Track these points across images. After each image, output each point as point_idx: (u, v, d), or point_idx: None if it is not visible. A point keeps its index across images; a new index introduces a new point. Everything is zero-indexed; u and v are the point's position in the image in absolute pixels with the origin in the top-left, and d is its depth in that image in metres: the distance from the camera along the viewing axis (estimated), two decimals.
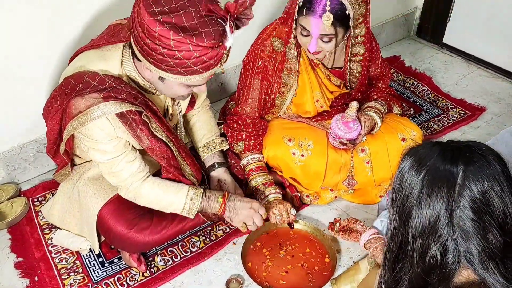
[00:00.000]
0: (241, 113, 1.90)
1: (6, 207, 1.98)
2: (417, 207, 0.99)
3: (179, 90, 1.51)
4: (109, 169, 1.57)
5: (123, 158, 1.56)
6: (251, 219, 1.71)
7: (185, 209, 1.66)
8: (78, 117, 1.45)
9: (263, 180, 1.88)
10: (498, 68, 2.85)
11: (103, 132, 1.49)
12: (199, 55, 1.34)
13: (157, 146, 1.58)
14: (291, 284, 1.71)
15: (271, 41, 1.81)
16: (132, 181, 1.60)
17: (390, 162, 1.90)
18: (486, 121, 2.52)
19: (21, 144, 2.06)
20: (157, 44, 1.32)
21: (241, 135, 1.89)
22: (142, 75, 1.54)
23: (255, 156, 1.91)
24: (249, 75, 1.86)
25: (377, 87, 2.02)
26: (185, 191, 1.66)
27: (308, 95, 1.90)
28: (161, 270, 1.78)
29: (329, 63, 1.91)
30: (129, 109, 1.47)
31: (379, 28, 2.99)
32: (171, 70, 1.39)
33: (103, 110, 1.44)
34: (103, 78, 1.46)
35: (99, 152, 1.54)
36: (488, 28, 2.81)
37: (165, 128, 1.60)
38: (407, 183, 1.01)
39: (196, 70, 1.39)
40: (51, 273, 1.77)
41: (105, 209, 1.66)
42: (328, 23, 1.59)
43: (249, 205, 1.71)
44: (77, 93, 1.44)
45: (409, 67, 2.92)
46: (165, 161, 1.62)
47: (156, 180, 1.65)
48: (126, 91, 1.48)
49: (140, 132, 1.53)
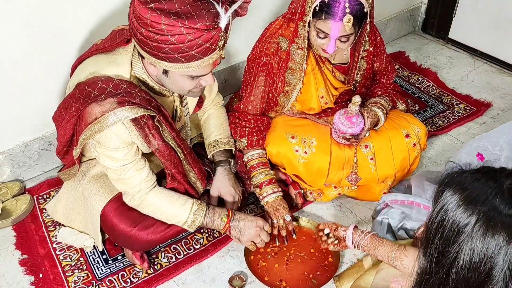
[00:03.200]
0: (243, 110, 1.90)
1: (11, 204, 1.99)
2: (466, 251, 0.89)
3: (184, 83, 1.51)
4: (118, 175, 1.58)
5: (132, 166, 1.57)
6: (259, 237, 1.73)
7: (187, 223, 1.67)
8: (94, 123, 1.46)
9: (264, 177, 1.87)
10: (504, 63, 2.82)
11: (117, 138, 1.50)
12: (193, 38, 1.34)
13: (167, 152, 1.59)
14: (294, 282, 1.71)
15: (277, 39, 1.80)
16: (140, 189, 1.61)
17: (393, 158, 1.89)
18: (492, 116, 2.50)
19: (26, 142, 2.07)
20: (150, 31, 1.33)
21: (244, 131, 1.89)
22: (150, 75, 1.55)
23: (255, 153, 1.90)
24: (253, 72, 1.86)
25: (381, 83, 2.00)
26: (189, 205, 1.67)
27: (313, 92, 1.89)
28: (165, 267, 1.79)
29: (334, 58, 1.90)
30: (143, 113, 1.48)
31: (384, 24, 2.97)
32: (168, 58, 1.38)
33: (118, 115, 1.45)
34: (117, 83, 1.47)
35: (110, 159, 1.55)
36: (494, 22, 2.78)
37: (175, 134, 1.62)
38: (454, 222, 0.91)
39: (193, 55, 1.38)
40: (55, 270, 1.78)
41: (109, 207, 1.67)
42: (349, 25, 1.58)
43: (254, 224, 1.72)
44: (92, 99, 1.45)
45: (414, 62, 2.89)
46: (174, 167, 1.63)
47: (162, 190, 1.66)
48: (140, 96, 1.49)
49: (152, 137, 1.54)
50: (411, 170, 2.01)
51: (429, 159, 2.25)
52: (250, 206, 2.01)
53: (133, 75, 1.55)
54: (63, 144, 1.65)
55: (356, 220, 1.97)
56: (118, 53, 1.55)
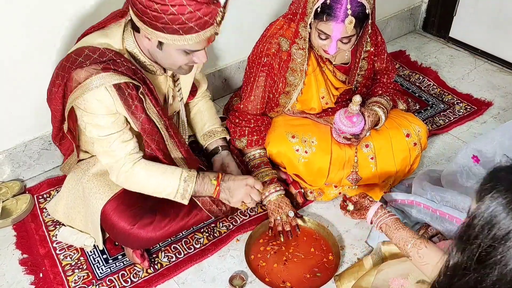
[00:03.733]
0: (243, 110, 1.90)
1: (11, 204, 1.99)
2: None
3: (178, 58, 1.50)
4: (104, 147, 1.57)
5: (118, 136, 1.56)
6: (249, 196, 1.68)
7: (179, 191, 1.62)
8: (77, 88, 1.46)
9: (266, 177, 1.87)
10: (505, 62, 2.82)
11: (101, 104, 1.49)
12: (193, 9, 1.34)
13: (148, 126, 1.57)
14: (295, 281, 1.71)
15: (278, 39, 1.80)
16: (125, 163, 1.59)
17: (394, 157, 1.89)
18: (492, 115, 2.49)
19: (26, 141, 2.07)
20: (151, 0, 1.33)
21: (244, 131, 1.89)
22: (142, 50, 1.55)
23: (256, 152, 1.90)
24: (253, 72, 1.85)
25: (382, 82, 2.00)
26: (178, 172, 1.63)
27: (314, 92, 1.89)
28: (165, 267, 1.79)
29: (335, 59, 1.90)
30: (127, 81, 1.47)
31: (385, 23, 2.97)
32: (166, 29, 1.38)
33: (101, 80, 1.44)
34: (103, 51, 1.48)
35: (96, 128, 1.53)
36: (495, 21, 2.78)
37: (159, 109, 1.59)
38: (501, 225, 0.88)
39: (191, 28, 1.37)
40: (55, 270, 1.78)
41: (109, 206, 1.66)
42: (350, 26, 1.58)
43: (244, 182, 1.67)
44: (77, 65, 1.46)
45: (415, 61, 2.89)
46: (154, 143, 1.61)
47: (149, 162, 1.64)
48: (125, 65, 1.49)
49: (135, 108, 1.52)
50: (412, 170, 2.01)
51: (430, 158, 2.25)
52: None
53: (125, 48, 1.55)
54: (57, 126, 1.64)
55: (356, 220, 1.96)
56: (110, 27, 1.56)
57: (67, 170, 1.80)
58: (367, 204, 1.59)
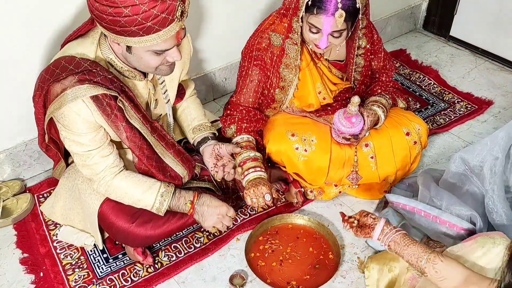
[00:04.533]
0: (235, 103, 1.89)
1: (12, 203, 1.99)
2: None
3: (150, 60, 1.48)
4: (83, 161, 1.57)
5: (97, 152, 1.55)
6: (220, 223, 1.71)
7: (154, 205, 1.64)
8: (54, 101, 1.46)
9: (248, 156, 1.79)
10: (505, 61, 2.82)
11: (79, 117, 1.48)
12: (148, 8, 1.32)
13: (130, 133, 1.56)
14: (295, 280, 1.71)
15: (269, 34, 1.80)
16: (105, 175, 1.59)
17: (394, 156, 1.89)
18: (493, 114, 2.49)
19: (26, 140, 2.07)
20: (104, 5, 1.33)
21: (234, 118, 1.87)
22: (118, 56, 1.54)
23: (244, 136, 1.85)
24: (245, 65, 1.86)
25: (381, 81, 2.00)
26: (156, 187, 1.65)
27: (310, 87, 1.89)
28: (165, 266, 1.79)
29: (329, 54, 1.90)
30: (103, 92, 1.46)
31: (385, 21, 2.96)
32: (126, 32, 1.36)
33: (76, 93, 1.44)
34: (79, 62, 1.47)
35: (75, 143, 1.53)
36: (496, 20, 2.77)
37: (141, 116, 1.58)
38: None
39: (150, 27, 1.36)
40: (56, 269, 1.78)
41: (106, 205, 1.67)
42: (340, 20, 1.59)
43: (217, 211, 1.69)
44: (55, 78, 1.46)
45: (416, 60, 2.89)
46: (138, 150, 1.60)
47: (129, 174, 1.64)
48: (101, 75, 1.48)
49: (115, 118, 1.51)
50: (412, 169, 2.01)
51: (430, 157, 2.25)
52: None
53: (101, 57, 1.54)
54: (42, 134, 1.64)
55: None
56: (87, 35, 1.56)
57: (57, 175, 1.80)
58: (370, 222, 1.52)
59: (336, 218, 1.95)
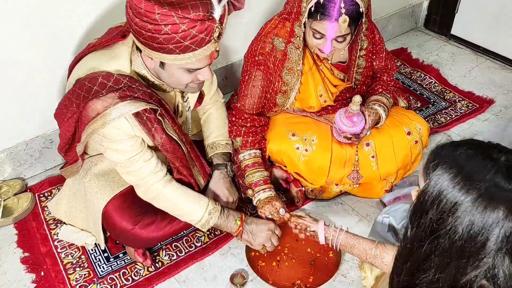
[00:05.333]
0: (240, 109, 1.89)
1: (12, 202, 1.99)
2: (460, 227, 0.92)
3: (181, 77, 1.50)
4: (127, 168, 1.58)
5: (140, 157, 1.57)
6: (269, 241, 1.73)
7: (201, 221, 1.67)
8: (96, 119, 1.46)
9: (258, 177, 1.85)
10: (507, 59, 2.81)
11: (120, 131, 1.50)
12: (187, 28, 1.33)
13: (170, 145, 1.59)
14: (296, 279, 1.71)
15: (272, 38, 1.79)
16: (153, 182, 1.60)
17: (395, 156, 1.88)
18: (494, 113, 2.48)
19: (27, 140, 2.07)
20: (144, 21, 1.33)
21: (239, 131, 1.88)
22: (149, 70, 1.55)
23: (251, 152, 1.88)
24: (249, 70, 1.85)
25: (382, 80, 1.99)
26: (204, 203, 1.67)
27: (312, 91, 1.89)
28: (166, 265, 1.79)
29: (332, 57, 1.89)
30: (145, 107, 1.48)
31: (386, 20, 2.96)
32: (163, 48, 1.37)
33: (120, 110, 1.45)
34: (118, 78, 1.47)
35: (116, 152, 1.55)
36: (497, 18, 2.77)
37: (177, 128, 1.61)
38: (448, 198, 0.93)
39: (187, 46, 1.37)
40: (57, 268, 1.78)
41: (110, 205, 1.67)
42: (344, 25, 1.58)
43: (266, 228, 1.73)
44: (93, 95, 1.45)
45: (417, 59, 2.88)
46: (178, 161, 1.63)
47: (180, 186, 1.66)
48: (141, 90, 1.49)
49: (155, 131, 1.54)
50: (413, 168, 2.01)
51: None
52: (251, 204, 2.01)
53: (133, 70, 1.55)
54: (65, 141, 1.64)
55: (358, 218, 1.96)
56: (117, 48, 1.55)
57: (67, 175, 1.80)
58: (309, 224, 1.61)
59: (337, 217, 1.96)
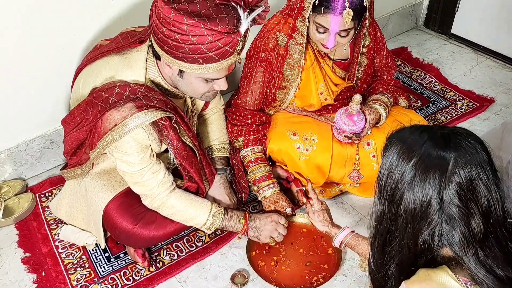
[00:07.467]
0: (240, 105, 1.89)
1: (13, 202, 1.99)
2: (408, 193, 1.01)
3: (198, 86, 1.52)
4: (136, 179, 1.60)
5: (149, 169, 1.59)
6: (276, 231, 1.75)
7: (206, 225, 1.70)
8: (114, 129, 1.48)
9: (261, 172, 1.86)
10: (507, 58, 2.81)
11: (135, 142, 1.51)
12: (213, 39, 1.35)
13: (185, 152, 1.61)
14: (297, 278, 1.71)
15: (275, 35, 1.79)
16: (159, 192, 1.63)
17: None
18: (495, 112, 2.48)
19: (28, 140, 2.07)
20: (171, 30, 1.35)
21: (241, 130, 1.88)
22: (165, 78, 1.56)
23: (254, 148, 1.89)
24: (251, 67, 1.85)
25: (382, 79, 1.99)
26: (208, 208, 1.70)
27: (312, 88, 1.89)
28: (167, 265, 1.79)
29: (334, 54, 1.89)
30: (162, 116, 1.49)
31: (386, 19, 2.96)
32: (186, 58, 1.39)
33: (138, 120, 1.46)
34: (134, 88, 1.49)
35: (127, 164, 1.57)
36: (497, 17, 2.76)
37: (191, 134, 1.63)
38: (397, 170, 1.03)
39: (211, 57, 1.39)
40: (58, 268, 1.78)
41: (111, 205, 1.67)
42: (348, 19, 1.58)
43: (269, 220, 1.75)
44: (111, 105, 1.47)
45: (417, 58, 2.88)
46: (192, 167, 1.66)
47: (183, 193, 1.69)
48: (157, 98, 1.50)
49: (171, 138, 1.56)
50: None
51: None
52: (251, 204, 2.01)
53: (148, 78, 1.56)
54: (73, 147, 1.65)
55: (358, 217, 1.96)
56: (131, 55, 1.56)
57: (68, 177, 1.79)
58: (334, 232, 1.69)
59: (337, 216, 1.95)
